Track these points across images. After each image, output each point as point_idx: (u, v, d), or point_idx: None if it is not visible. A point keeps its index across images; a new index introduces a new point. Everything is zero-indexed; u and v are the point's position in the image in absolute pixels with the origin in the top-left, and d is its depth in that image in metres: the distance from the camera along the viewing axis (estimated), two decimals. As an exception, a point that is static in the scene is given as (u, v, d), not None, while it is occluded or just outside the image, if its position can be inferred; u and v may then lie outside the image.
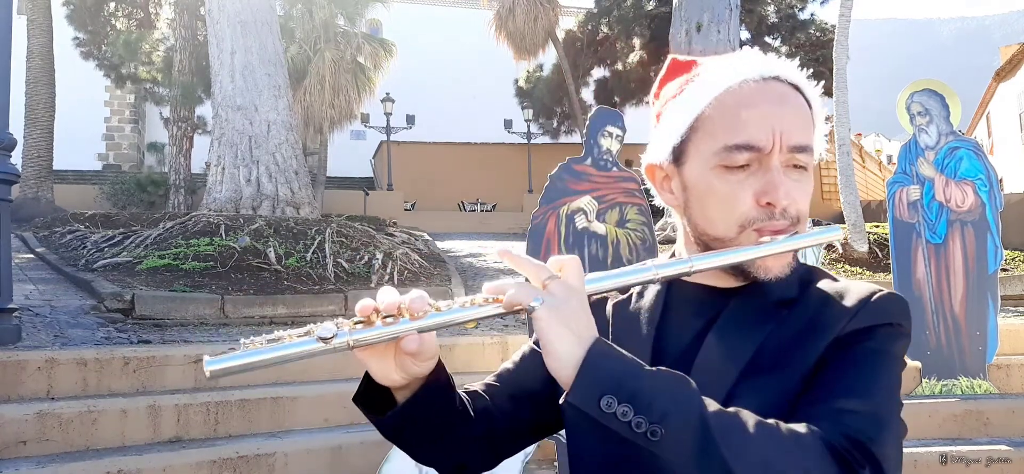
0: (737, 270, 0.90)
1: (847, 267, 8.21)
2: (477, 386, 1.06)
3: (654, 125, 0.99)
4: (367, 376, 0.92)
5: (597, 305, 0.99)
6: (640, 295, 1.00)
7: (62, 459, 3.45)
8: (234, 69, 10.55)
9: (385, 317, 0.83)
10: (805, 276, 0.94)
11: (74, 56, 18.15)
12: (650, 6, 19.98)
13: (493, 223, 17.16)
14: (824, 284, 0.93)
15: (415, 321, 0.83)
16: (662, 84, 0.99)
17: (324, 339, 0.81)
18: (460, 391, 1.01)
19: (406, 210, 18.35)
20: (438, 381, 0.93)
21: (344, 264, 7.56)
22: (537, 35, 19.78)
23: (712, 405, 0.77)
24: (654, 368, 0.78)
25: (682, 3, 14.38)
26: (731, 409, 0.78)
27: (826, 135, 0.99)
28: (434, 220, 16.05)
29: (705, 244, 0.93)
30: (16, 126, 5.14)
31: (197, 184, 15.55)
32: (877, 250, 8.32)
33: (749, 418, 0.77)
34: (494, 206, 20.72)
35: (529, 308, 0.79)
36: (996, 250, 4.88)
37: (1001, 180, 5.37)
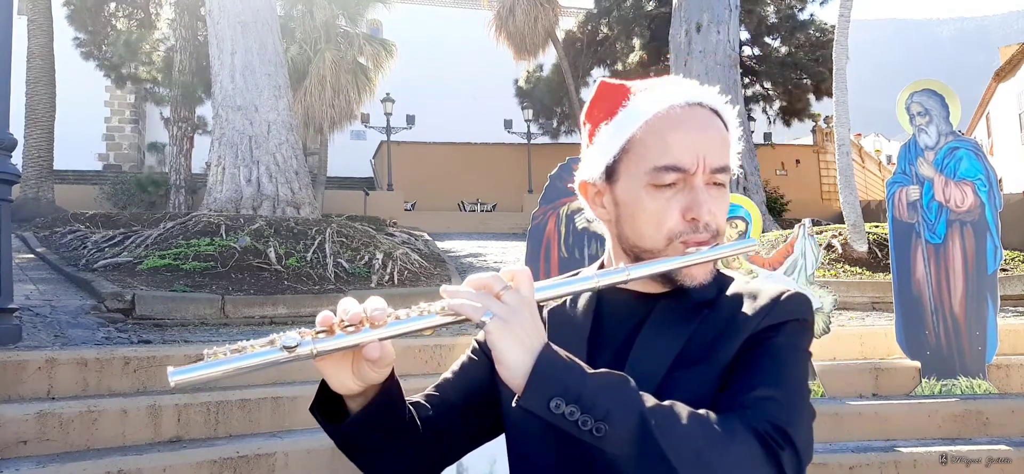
0: (665, 277, 0.99)
1: (847, 267, 8.21)
2: (418, 397, 1.12)
3: (586, 145, 1.07)
4: (322, 386, 0.98)
5: None
6: (573, 302, 1.08)
7: (62, 459, 3.45)
8: (234, 69, 10.55)
9: (346, 326, 0.87)
10: (720, 280, 1.04)
11: (74, 56, 18.15)
12: (650, 6, 19.98)
13: (493, 223, 17.16)
14: (738, 286, 1.03)
15: (376, 329, 0.86)
16: (592, 107, 1.06)
17: (288, 348, 0.83)
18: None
19: (406, 210, 18.36)
20: (392, 388, 0.98)
21: (344, 264, 7.56)
22: (537, 35, 19.78)
23: (650, 400, 0.85)
24: (597, 370, 0.85)
25: (682, 3, 14.38)
26: (666, 402, 0.86)
27: (825, 135, 1.03)
28: (434, 220, 16.06)
29: (635, 255, 1.01)
30: (16, 126, 5.15)
31: (198, 184, 15.56)
32: (876, 250, 8.32)
33: (683, 410, 0.85)
34: (494, 206, 20.73)
35: (479, 322, 0.84)
36: (996, 250, 4.88)
37: (1000, 180, 5.37)
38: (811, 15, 20.87)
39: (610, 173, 1.01)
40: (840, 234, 8.85)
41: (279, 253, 7.46)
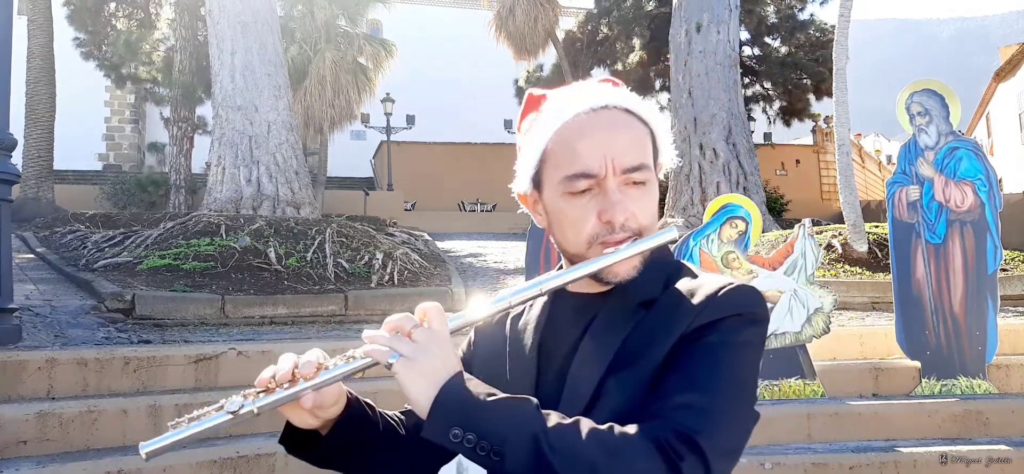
0: (597, 278, 0.99)
1: (847, 267, 8.21)
2: (404, 410, 1.16)
3: (519, 156, 1.10)
4: (288, 424, 1.04)
5: (499, 323, 1.12)
6: (529, 310, 1.10)
7: (62, 459, 3.45)
8: (234, 69, 10.55)
9: (282, 383, 0.95)
10: (671, 276, 1.02)
11: (74, 56, 18.14)
12: (650, 6, 19.97)
13: (493, 223, 17.16)
14: (683, 282, 1.01)
15: (309, 381, 0.95)
16: (522, 117, 1.09)
17: (233, 412, 0.93)
18: (392, 413, 1.14)
19: (406, 210, 18.35)
20: (351, 416, 1.05)
21: (344, 264, 7.56)
22: (537, 35, 19.76)
23: (552, 420, 0.86)
24: (499, 396, 0.88)
25: (682, 3, 14.37)
26: (571, 420, 0.87)
27: (825, 135, 1.03)
28: (434, 220, 16.05)
29: (569, 259, 1.04)
30: (16, 126, 5.14)
31: (198, 184, 15.56)
32: (877, 250, 8.32)
33: (585, 426, 0.86)
34: (494, 206, 20.72)
35: (386, 365, 0.90)
36: (996, 250, 4.88)
37: (1000, 180, 5.37)
38: (811, 15, 20.87)
39: (536, 184, 1.05)
40: (840, 234, 8.85)
41: (279, 253, 7.46)
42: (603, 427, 0.86)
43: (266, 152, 10.40)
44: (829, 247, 8.55)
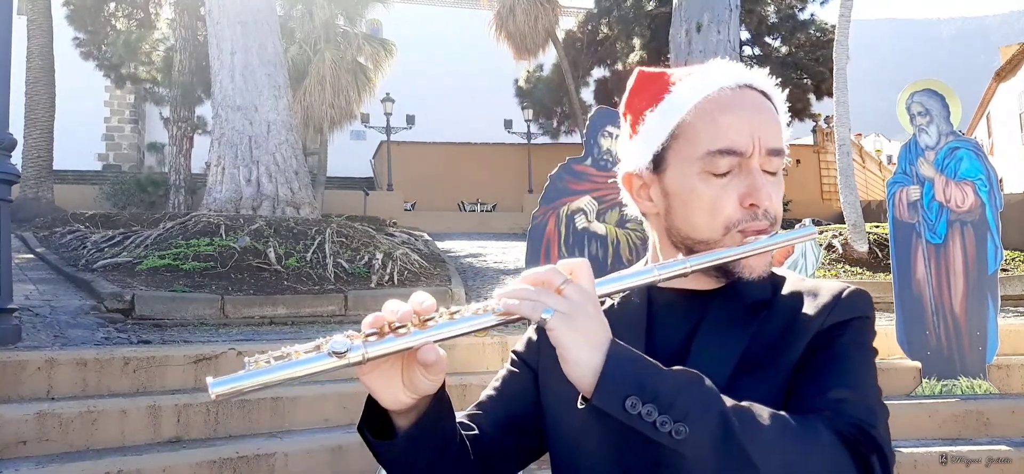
0: (721, 271, 0.93)
1: (847, 267, 8.21)
2: (462, 416, 1.04)
3: (627, 136, 1.01)
4: (369, 404, 0.89)
5: None
6: (623, 303, 1.01)
7: (62, 459, 3.44)
8: (234, 69, 10.54)
9: (397, 327, 0.80)
10: (774, 278, 0.98)
11: (74, 56, 18.13)
12: (650, 6, 19.96)
13: (493, 223, 17.14)
14: (794, 284, 0.98)
15: (428, 331, 0.80)
16: (633, 96, 1.01)
17: (337, 354, 0.77)
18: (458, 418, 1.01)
19: (406, 210, 18.33)
20: (444, 399, 0.91)
21: (344, 264, 7.55)
22: (537, 35, 19.76)
23: (728, 401, 0.79)
24: (671, 368, 0.79)
25: (682, 3, 14.37)
26: (744, 403, 0.80)
27: (826, 135, 1.01)
28: (434, 220, 16.04)
29: (688, 248, 0.95)
30: (16, 126, 5.14)
31: (197, 184, 15.54)
32: (877, 250, 8.31)
33: (763, 411, 0.80)
34: (494, 206, 20.71)
35: (540, 321, 0.79)
36: (996, 250, 4.88)
37: (1001, 180, 5.37)
38: (811, 15, 20.85)
39: (658, 162, 0.96)
40: (840, 234, 8.85)
41: (279, 253, 7.46)
42: (780, 413, 0.81)
43: (266, 152, 10.40)
44: (829, 247, 8.55)
